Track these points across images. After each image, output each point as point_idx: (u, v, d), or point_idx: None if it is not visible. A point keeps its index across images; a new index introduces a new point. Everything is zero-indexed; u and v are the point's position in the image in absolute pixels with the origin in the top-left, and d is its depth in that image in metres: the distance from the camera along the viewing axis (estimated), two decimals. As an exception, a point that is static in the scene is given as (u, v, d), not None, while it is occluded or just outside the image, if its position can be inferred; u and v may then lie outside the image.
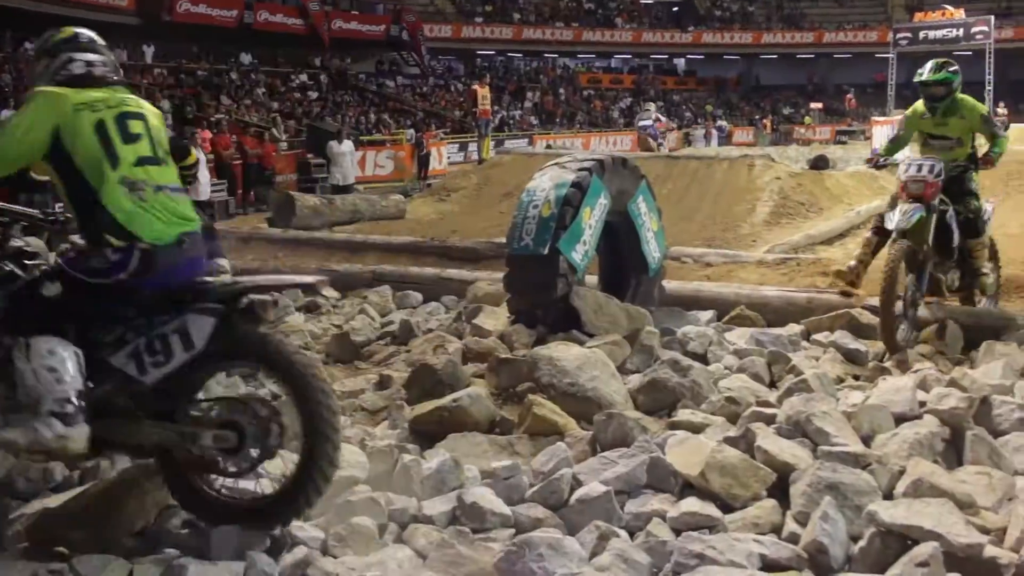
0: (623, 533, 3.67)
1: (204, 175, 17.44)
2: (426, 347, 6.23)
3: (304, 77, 33.33)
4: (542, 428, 4.65)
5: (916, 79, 6.95)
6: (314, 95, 32.04)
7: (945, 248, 6.53)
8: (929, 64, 6.86)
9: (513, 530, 3.77)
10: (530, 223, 5.96)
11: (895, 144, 7.18)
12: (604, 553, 3.42)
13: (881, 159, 7.23)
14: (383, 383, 5.82)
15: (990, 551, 3.27)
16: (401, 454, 4.33)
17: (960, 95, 6.80)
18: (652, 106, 28.74)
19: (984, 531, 3.52)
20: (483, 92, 21.54)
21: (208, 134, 19.90)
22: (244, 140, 20.47)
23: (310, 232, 12.25)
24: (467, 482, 4.16)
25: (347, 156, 19.30)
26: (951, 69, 6.76)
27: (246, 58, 32.63)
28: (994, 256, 7.27)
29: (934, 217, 6.32)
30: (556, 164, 6.33)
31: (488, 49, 46.68)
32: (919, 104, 6.98)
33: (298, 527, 3.67)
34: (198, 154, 17.13)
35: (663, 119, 28.25)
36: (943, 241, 6.47)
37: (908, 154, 7.03)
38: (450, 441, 4.63)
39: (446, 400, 4.87)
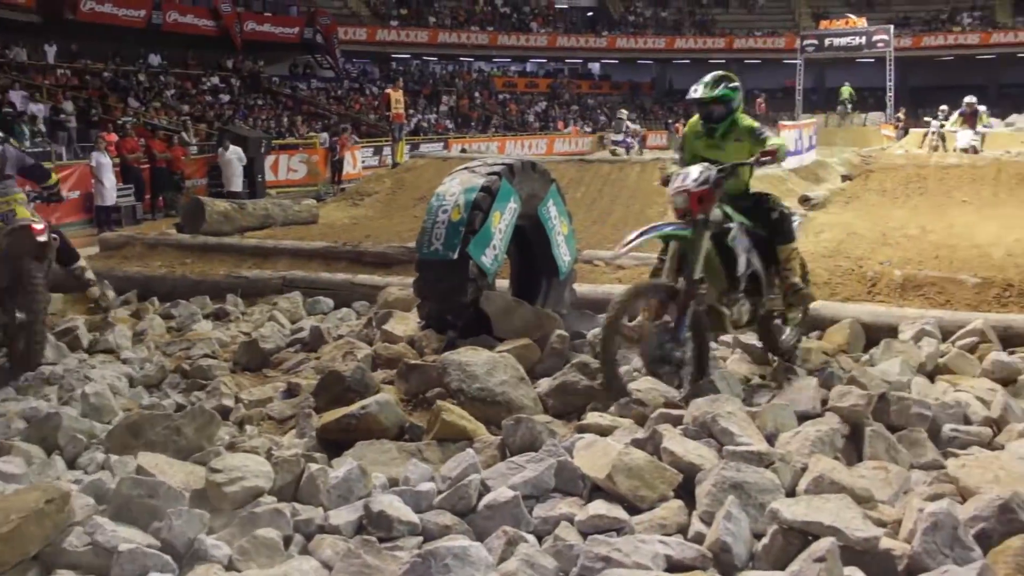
0: (531, 538, 3.67)
1: (110, 179, 17.02)
2: (335, 354, 6.16)
3: (215, 80, 32.69)
4: (451, 434, 4.63)
5: (690, 95, 5.81)
6: (226, 98, 31.45)
7: (728, 275, 5.44)
8: (706, 78, 5.77)
9: (421, 538, 3.75)
10: (439, 228, 5.93)
11: (681, 163, 5.91)
12: (511, 559, 3.41)
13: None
14: (291, 391, 5.75)
15: (885, 543, 3.36)
16: (308, 463, 4.27)
17: (740, 115, 5.77)
18: (624, 113, 29.40)
19: (881, 524, 3.62)
20: (396, 96, 21.34)
21: (114, 137, 19.38)
22: (152, 143, 19.98)
23: (220, 238, 12.00)
24: (375, 490, 4.12)
25: (233, 164, 18.79)
26: (730, 85, 5.73)
27: (155, 59, 31.82)
28: (804, 277, 6.14)
29: (707, 237, 5.25)
30: (466, 168, 6.31)
31: (403, 53, 46.46)
32: (696, 120, 5.94)
33: (199, 541, 3.58)
34: (101, 158, 16.78)
35: (633, 125, 29.18)
36: (726, 267, 5.42)
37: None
38: (358, 449, 4.59)
39: (354, 407, 4.82)
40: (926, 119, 25.40)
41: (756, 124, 5.76)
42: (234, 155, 18.86)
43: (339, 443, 4.74)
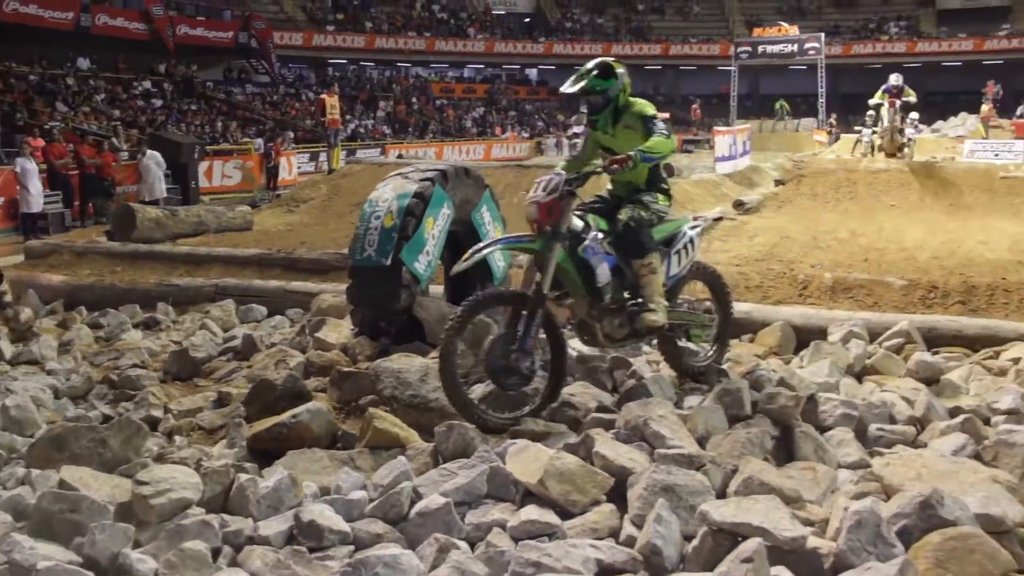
0: (463, 545, 3.65)
1: (36, 186, 16.58)
2: (268, 362, 6.09)
3: (147, 84, 32.09)
4: (383, 441, 4.59)
5: (562, 88, 5.57)
6: (158, 103, 30.90)
7: (589, 287, 5.10)
8: (582, 68, 5.45)
9: (352, 547, 3.72)
10: (372, 234, 5.90)
11: (574, 161, 5.69)
12: (442, 566, 3.39)
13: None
14: (222, 400, 5.67)
15: (812, 542, 3.41)
16: (238, 474, 4.21)
17: (631, 99, 5.43)
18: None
19: (808, 524, 3.68)
20: (332, 101, 21.16)
21: (40, 142, 18.86)
22: (81, 149, 19.49)
23: (151, 245, 11.79)
24: (305, 500, 4.07)
25: (151, 170, 18.25)
26: (601, 74, 5.34)
27: (84, 63, 31.15)
28: (721, 295, 5.97)
29: (557, 249, 4.94)
30: (399, 175, 6.28)
31: (340, 58, 46.17)
32: None
33: (123, 556, 3.50)
34: (26, 164, 16.33)
35: None
36: (589, 278, 5.08)
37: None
38: (289, 458, 4.53)
39: (285, 416, 4.76)
40: (857, 127, 25.98)
41: (650, 113, 5.35)
42: (152, 161, 18.10)
43: (270, 452, 4.68)
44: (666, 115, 47.45)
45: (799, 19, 51.11)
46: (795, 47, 42.08)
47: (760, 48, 42.77)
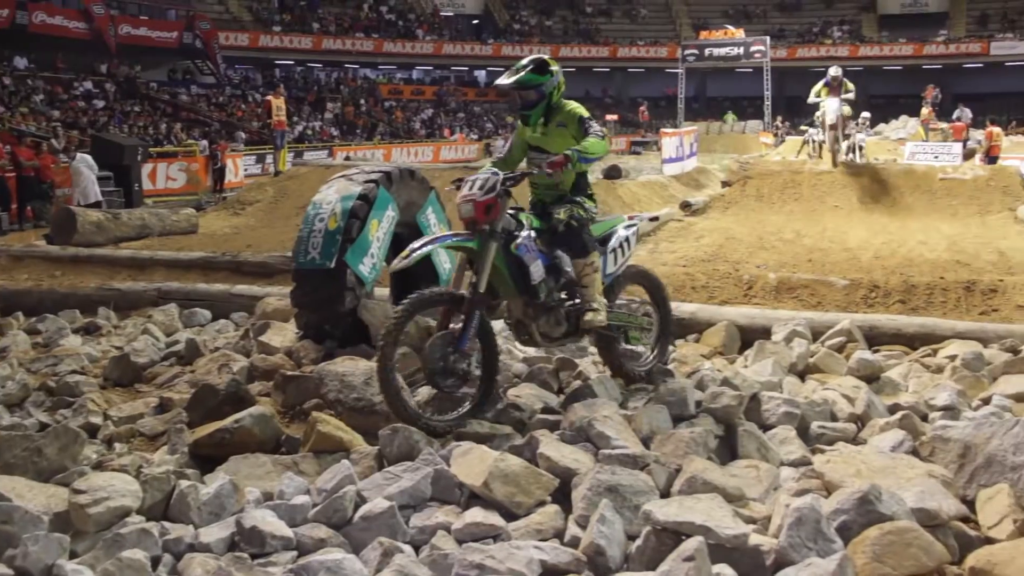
0: (407, 548, 3.63)
1: (-29, 188, 16.18)
2: (211, 366, 5.99)
3: (89, 84, 31.55)
4: (327, 445, 4.54)
5: (495, 83, 5.55)
6: (100, 104, 30.39)
7: (522, 285, 5.03)
8: (517, 63, 5.39)
9: (295, 552, 3.68)
10: (316, 237, 5.83)
11: (501, 162, 5.55)
12: (385, 570, 3.37)
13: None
14: (164, 406, 5.57)
15: (755, 539, 3.44)
16: (179, 480, 4.14)
17: (563, 101, 5.37)
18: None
19: (751, 521, 3.72)
20: (278, 103, 20.97)
21: (-24, 144, 18.49)
22: (19, 151, 19.08)
23: (92, 249, 11.58)
24: (248, 506, 4.01)
25: (82, 173, 17.68)
26: (535, 70, 5.27)
27: (21, 62, 30.54)
28: (659, 297, 5.91)
29: (493, 248, 4.88)
30: (343, 176, 6.22)
31: (287, 59, 45.80)
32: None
33: (58, 567, 3.42)
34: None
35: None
36: (523, 277, 5.02)
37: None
38: (232, 464, 4.47)
39: (228, 421, 4.69)
40: (802, 128, 26.36)
41: (583, 114, 5.29)
42: (82, 164, 17.23)
43: (214, 458, 4.61)
44: (614, 117, 48.16)
45: (745, 22, 51.89)
46: (741, 50, 42.70)
47: (707, 51, 43.33)
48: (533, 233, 5.12)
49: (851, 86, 18.01)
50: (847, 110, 18.18)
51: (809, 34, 54.03)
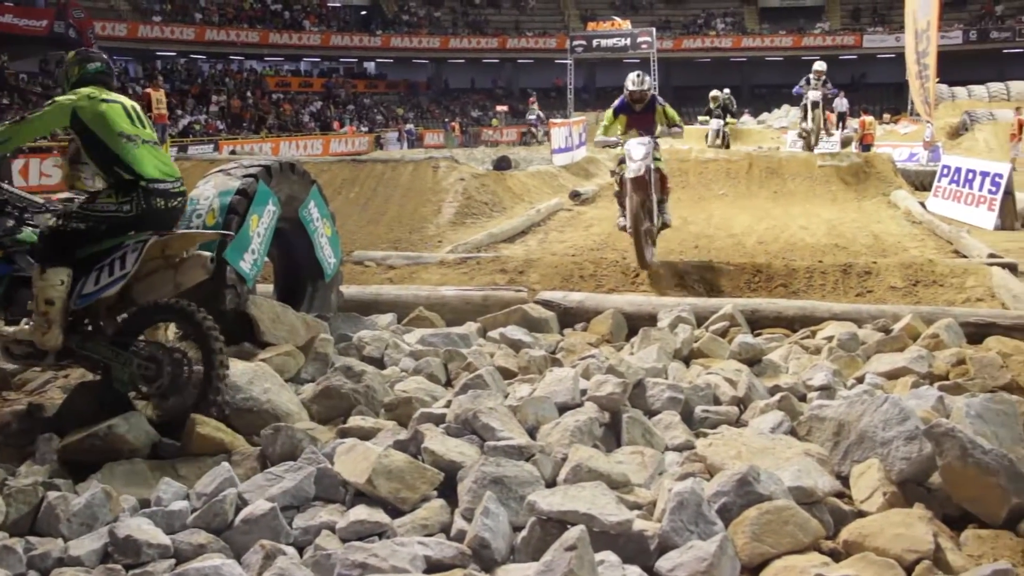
0: (291, 550, 3.55)
1: None
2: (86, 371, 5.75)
3: (-49, 76, 30.06)
4: (207, 448, 4.41)
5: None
6: (-35, 97, 29.00)
7: None
8: None
9: (173, 560, 3.55)
10: (194, 233, 5.64)
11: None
12: (267, 573, 3.28)
13: None
14: (32, 413, 5.31)
15: (639, 525, 3.47)
16: (48, 492, 3.96)
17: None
18: (535, 102, 38.53)
19: (636, 507, 3.75)
20: (158, 96, 20.34)
21: None
22: None
23: (-42, 250, 10.99)
24: (122, 514, 3.87)
25: None
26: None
27: None
28: (202, 339, 4.78)
29: None
30: (221, 171, 6.04)
31: (168, 50, 44.39)
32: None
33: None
34: None
35: (541, 114, 37.51)
36: None
37: None
38: (106, 470, 4.30)
39: (100, 426, 4.50)
40: (700, 118, 27.02)
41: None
42: None
43: (89, 467, 4.42)
44: (504, 108, 48.24)
45: (631, 14, 52.62)
46: (628, 41, 43.29)
47: (595, 42, 43.81)
48: None
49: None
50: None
51: (694, 25, 55.17)
